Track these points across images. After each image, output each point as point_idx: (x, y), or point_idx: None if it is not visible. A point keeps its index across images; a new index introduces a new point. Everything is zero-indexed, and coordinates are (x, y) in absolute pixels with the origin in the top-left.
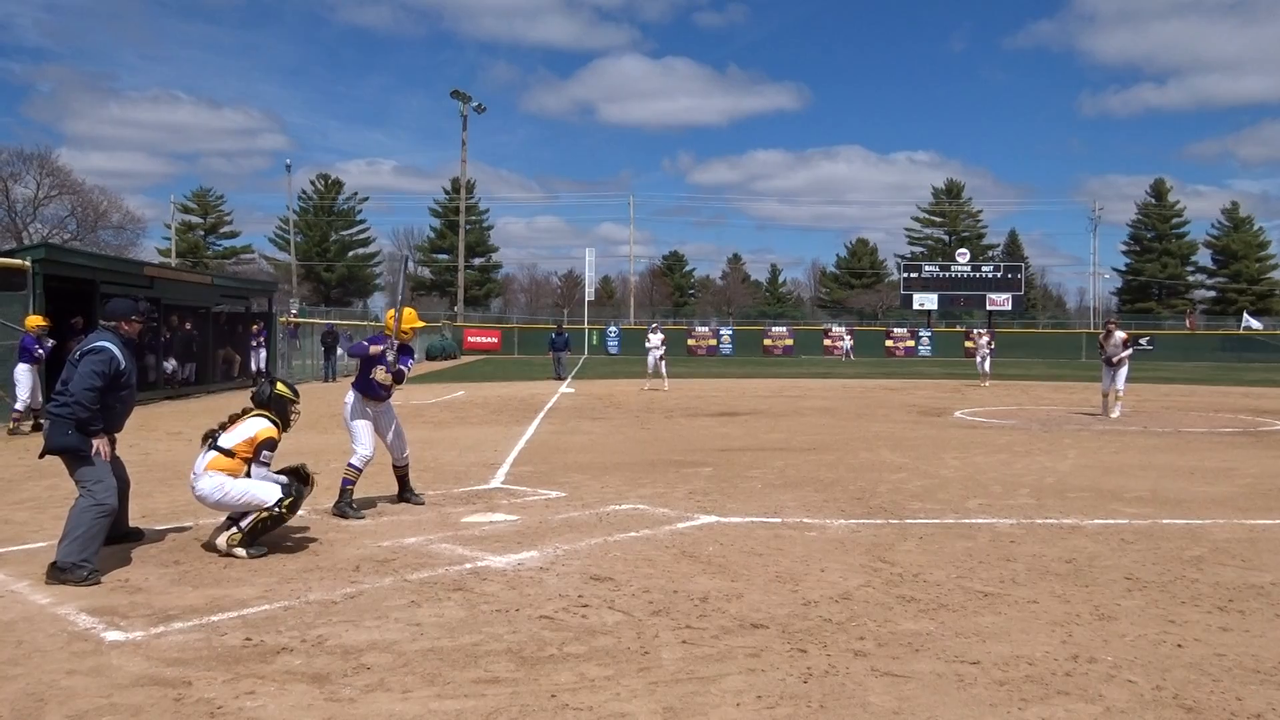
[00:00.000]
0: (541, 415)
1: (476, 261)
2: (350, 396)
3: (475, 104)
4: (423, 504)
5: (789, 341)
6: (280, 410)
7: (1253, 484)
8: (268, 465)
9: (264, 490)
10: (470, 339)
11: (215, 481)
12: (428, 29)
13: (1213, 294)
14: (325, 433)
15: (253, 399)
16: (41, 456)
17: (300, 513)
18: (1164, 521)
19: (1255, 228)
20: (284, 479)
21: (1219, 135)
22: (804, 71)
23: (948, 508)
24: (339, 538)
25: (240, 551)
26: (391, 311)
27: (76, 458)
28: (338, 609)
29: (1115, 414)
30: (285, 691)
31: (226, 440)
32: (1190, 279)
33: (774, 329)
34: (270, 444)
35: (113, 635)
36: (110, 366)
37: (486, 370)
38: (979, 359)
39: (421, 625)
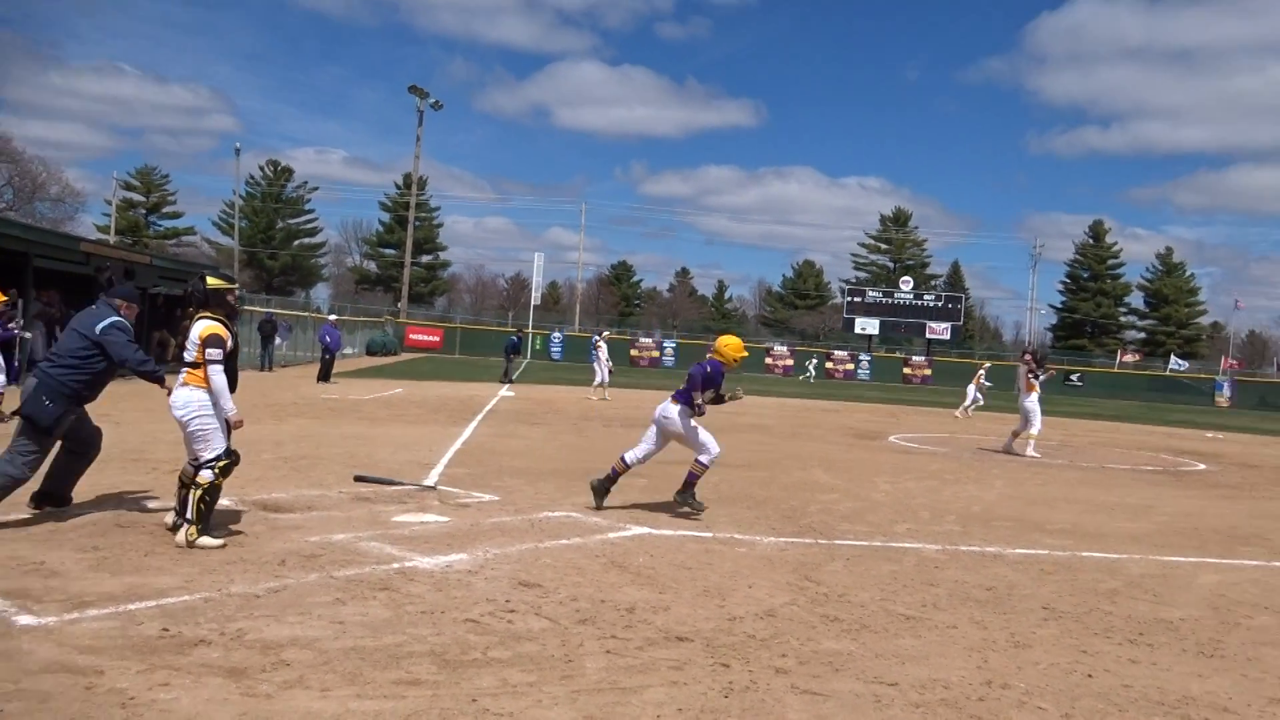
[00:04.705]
0: (480, 417)
1: (424, 259)
2: (675, 409)
3: (432, 100)
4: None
5: None
6: (221, 302)
7: (1169, 522)
8: (219, 362)
9: (214, 439)
10: (412, 336)
11: (187, 395)
12: (383, 20)
13: (1142, 335)
14: (258, 423)
15: (190, 302)
16: (12, 416)
17: (225, 502)
18: (1083, 554)
19: (1187, 273)
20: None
21: (1157, 181)
22: (761, 90)
23: (876, 530)
24: (265, 530)
25: (206, 541)
26: (724, 339)
27: (36, 429)
28: (260, 603)
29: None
30: (200, 684)
31: (188, 354)
32: (1122, 319)
33: None
34: (214, 340)
35: (24, 619)
36: (130, 332)
37: (427, 369)
38: (975, 392)
39: (345, 623)
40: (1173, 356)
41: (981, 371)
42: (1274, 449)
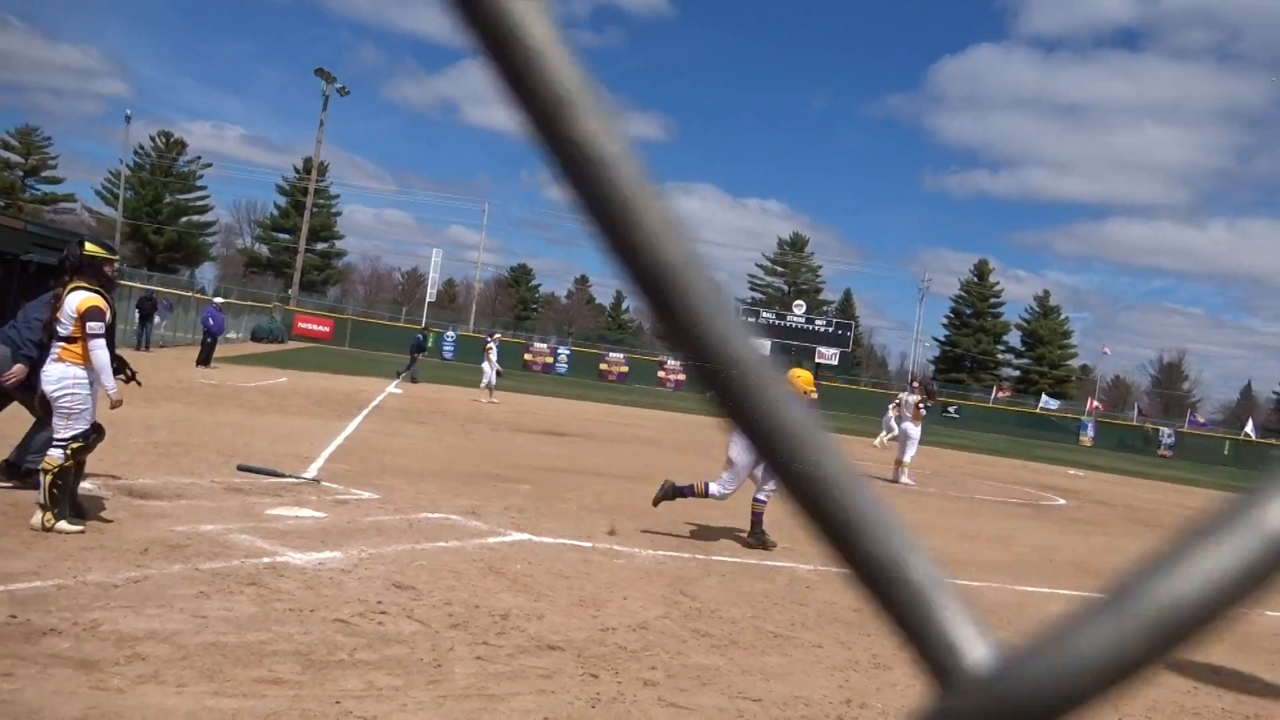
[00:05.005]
0: (365, 413)
1: (319, 246)
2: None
3: (339, 86)
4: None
5: (625, 369)
6: (97, 273)
7: (1028, 553)
8: (101, 336)
9: (80, 419)
10: (301, 325)
11: (61, 370)
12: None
13: (1017, 373)
14: (129, 404)
15: (64, 267)
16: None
17: (87, 486)
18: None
19: (1062, 317)
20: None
21: (1041, 227)
22: (671, 105)
23: (752, 548)
24: (129, 517)
25: (64, 526)
26: (797, 372)
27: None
28: (118, 593)
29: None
30: (47, 676)
31: (63, 328)
32: (1000, 356)
33: (611, 354)
34: (94, 313)
35: None
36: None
37: (313, 359)
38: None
39: (207, 618)
40: (1044, 395)
41: (898, 400)
42: (1128, 488)
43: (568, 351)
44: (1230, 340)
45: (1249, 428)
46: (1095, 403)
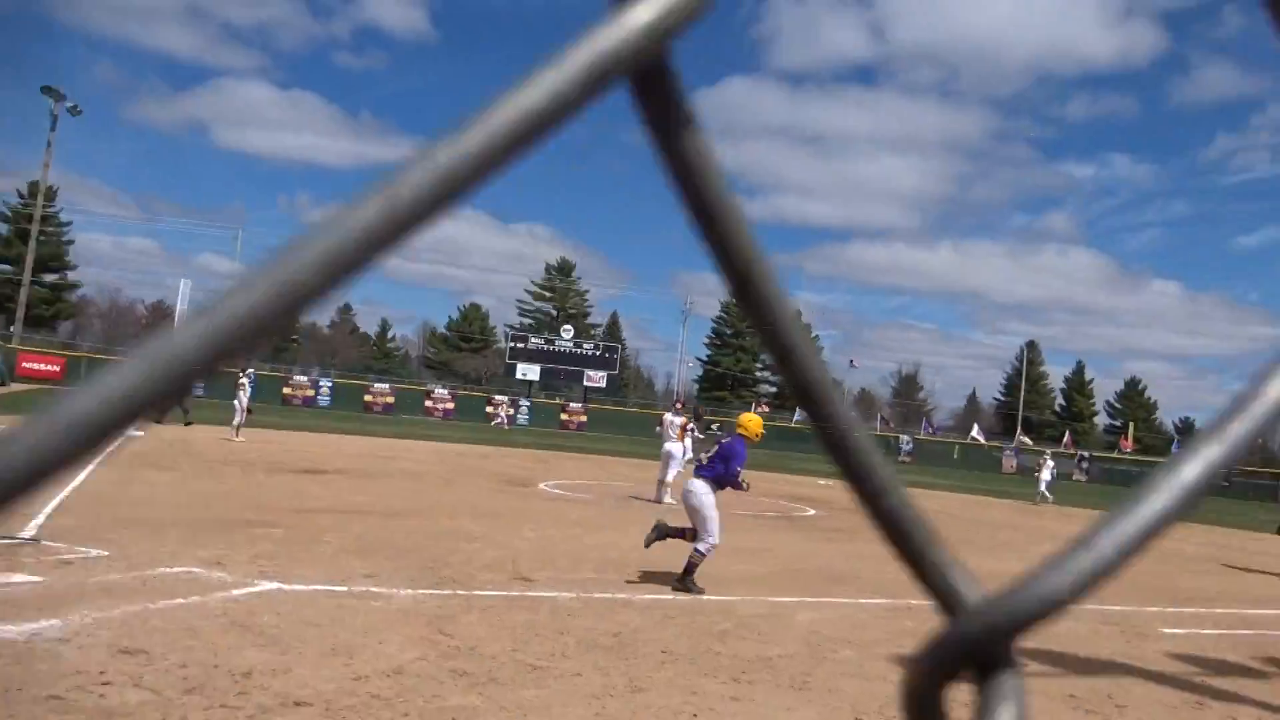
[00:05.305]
0: (98, 460)
1: (47, 278)
2: (701, 485)
3: (70, 104)
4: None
5: (390, 399)
6: None
7: (784, 565)
8: None
9: None
10: (25, 365)
11: None
12: (16, 8)
13: (775, 390)
14: None
15: None
16: None
17: None
18: (703, 598)
19: (814, 334)
20: None
21: (791, 250)
22: (435, 129)
23: (515, 579)
24: None
25: None
26: (749, 416)
27: None
28: None
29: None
30: None
31: None
32: (759, 374)
33: (376, 385)
34: None
35: None
36: None
37: (40, 403)
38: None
39: None
40: (798, 409)
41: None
42: None
43: (330, 383)
44: (958, 352)
45: (975, 432)
46: None
